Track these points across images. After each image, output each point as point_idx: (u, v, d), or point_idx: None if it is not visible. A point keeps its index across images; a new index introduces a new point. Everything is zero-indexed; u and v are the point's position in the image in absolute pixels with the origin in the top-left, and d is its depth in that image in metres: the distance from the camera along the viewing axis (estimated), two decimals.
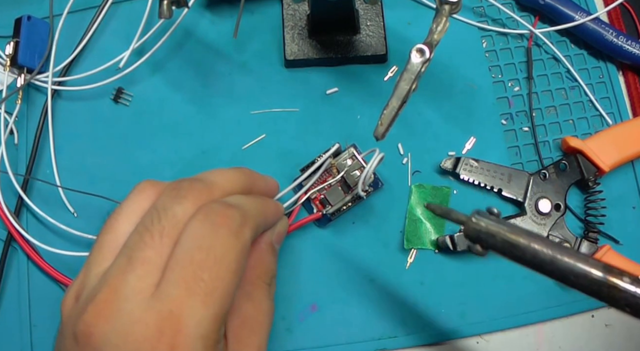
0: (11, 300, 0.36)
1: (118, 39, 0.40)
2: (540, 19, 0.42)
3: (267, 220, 0.29)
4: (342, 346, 0.35)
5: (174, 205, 0.25)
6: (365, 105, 0.39)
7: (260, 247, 0.30)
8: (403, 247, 0.36)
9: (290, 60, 0.39)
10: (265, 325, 0.29)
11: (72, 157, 0.38)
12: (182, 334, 0.22)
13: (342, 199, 0.36)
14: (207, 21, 0.41)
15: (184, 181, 0.27)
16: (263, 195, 0.32)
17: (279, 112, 0.39)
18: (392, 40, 0.40)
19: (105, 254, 0.26)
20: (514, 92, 0.40)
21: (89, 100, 0.40)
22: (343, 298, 0.36)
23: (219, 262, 0.24)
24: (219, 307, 0.23)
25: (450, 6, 0.28)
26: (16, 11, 0.40)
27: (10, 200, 0.37)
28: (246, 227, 0.25)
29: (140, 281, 0.23)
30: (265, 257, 0.30)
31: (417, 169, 0.38)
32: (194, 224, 0.24)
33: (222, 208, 0.25)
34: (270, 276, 0.30)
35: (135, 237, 0.24)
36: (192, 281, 0.23)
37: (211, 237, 0.24)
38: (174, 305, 0.22)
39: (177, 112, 0.39)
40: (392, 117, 0.27)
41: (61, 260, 0.36)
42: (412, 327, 0.35)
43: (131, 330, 0.22)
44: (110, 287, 0.23)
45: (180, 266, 0.23)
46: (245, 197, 0.28)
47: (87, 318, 0.22)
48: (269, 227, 0.30)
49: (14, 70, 0.38)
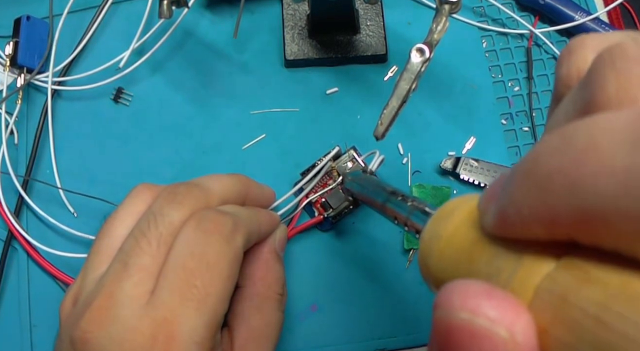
0: (11, 300, 0.36)
1: (118, 39, 0.40)
2: (540, 19, 0.42)
3: (261, 229, 0.29)
4: (342, 346, 0.35)
5: (171, 211, 0.25)
6: (365, 105, 0.39)
7: (266, 257, 0.30)
8: (403, 247, 0.36)
9: (290, 60, 0.39)
10: (273, 338, 0.29)
11: (72, 157, 0.38)
12: (176, 341, 0.22)
13: (343, 202, 0.35)
14: (207, 21, 0.41)
15: (181, 186, 0.27)
16: (258, 203, 0.32)
17: (279, 112, 0.39)
18: (392, 40, 0.40)
19: (102, 258, 0.26)
20: (514, 92, 0.40)
21: (89, 100, 0.40)
22: (343, 298, 0.36)
23: (212, 268, 0.24)
24: (212, 313, 0.23)
25: (450, 6, 0.28)
26: (16, 11, 0.40)
27: (11, 199, 0.37)
28: (238, 234, 0.25)
29: (135, 288, 0.23)
30: (272, 265, 0.30)
31: (417, 169, 0.38)
32: (186, 231, 0.24)
33: (214, 215, 0.25)
34: (281, 285, 0.30)
35: (131, 242, 0.25)
36: (185, 288, 0.23)
37: (203, 244, 0.24)
38: (167, 312, 0.22)
39: (177, 112, 0.39)
40: (392, 117, 0.27)
41: (61, 259, 0.36)
42: (412, 327, 0.35)
43: (126, 337, 0.22)
44: (106, 293, 0.23)
45: (173, 273, 0.23)
46: (240, 207, 0.29)
47: (83, 325, 0.23)
48: (263, 236, 0.30)
49: (14, 70, 0.38)
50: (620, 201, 0.08)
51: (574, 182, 0.09)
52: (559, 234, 0.10)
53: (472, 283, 0.10)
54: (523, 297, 0.10)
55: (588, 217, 0.09)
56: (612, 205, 0.08)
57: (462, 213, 0.14)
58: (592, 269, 0.09)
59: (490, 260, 0.12)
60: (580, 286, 0.09)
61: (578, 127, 0.09)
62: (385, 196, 0.24)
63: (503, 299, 0.10)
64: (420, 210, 0.19)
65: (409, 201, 0.21)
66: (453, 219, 0.14)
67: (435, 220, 0.15)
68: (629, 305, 0.08)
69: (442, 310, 0.10)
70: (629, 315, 0.08)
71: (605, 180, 0.08)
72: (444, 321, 0.10)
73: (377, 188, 0.26)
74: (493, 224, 0.12)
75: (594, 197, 0.09)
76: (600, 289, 0.09)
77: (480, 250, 0.12)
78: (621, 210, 0.08)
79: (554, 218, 0.10)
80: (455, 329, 0.10)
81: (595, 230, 0.09)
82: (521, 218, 0.10)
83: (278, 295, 0.30)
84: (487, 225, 0.12)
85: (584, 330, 0.09)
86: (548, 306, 0.10)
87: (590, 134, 0.09)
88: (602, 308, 0.09)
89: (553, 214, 0.10)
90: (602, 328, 0.09)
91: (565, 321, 0.09)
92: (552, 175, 0.09)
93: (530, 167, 0.10)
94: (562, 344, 0.09)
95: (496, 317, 0.10)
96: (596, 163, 0.09)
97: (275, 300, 0.29)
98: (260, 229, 0.29)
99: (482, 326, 0.10)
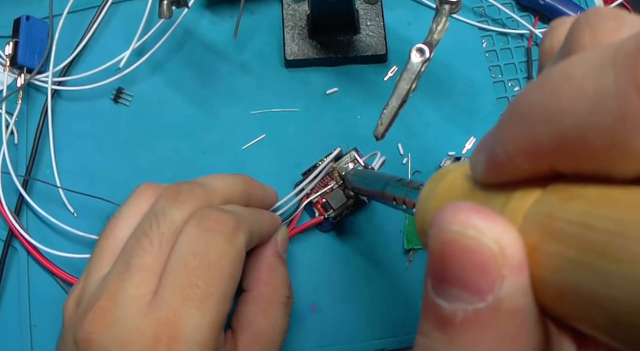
0: (11, 300, 0.36)
1: (118, 39, 0.40)
2: (540, 19, 0.42)
3: (263, 229, 0.29)
4: (342, 346, 0.35)
5: (173, 210, 0.25)
6: (365, 105, 0.39)
7: (269, 260, 0.30)
8: (403, 247, 0.36)
9: (290, 60, 0.39)
10: (277, 342, 0.29)
11: (72, 157, 0.38)
12: (178, 341, 0.22)
13: (344, 203, 0.35)
14: (207, 21, 0.41)
15: (184, 185, 0.27)
16: (261, 203, 0.32)
17: (279, 112, 0.39)
18: (392, 40, 0.40)
19: (105, 259, 0.26)
20: (514, 92, 0.40)
21: (89, 100, 0.40)
22: (343, 298, 0.36)
23: (213, 267, 0.24)
24: (215, 313, 0.23)
25: (450, 6, 0.28)
26: (16, 11, 0.40)
27: (11, 199, 0.37)
28: (240, 232, 0.25)
29: (138, 288, 0.23)
30: (277, 268, 0.30)
31: (417, 169, 0.38)
32: (188, 230, 0.24)
33: (215, 213, 0.25)
34: (287, 288, 0.30)
35: (133, 242, 0.25)
36: (187, 287, 0.23)
37: (205, 242, 0.24)
38: (170, 313, 0.22)
39: (177, 112, 0.39)
40: (392, 117, 0.27)
41: (61, 259, 0.36)
42: (412, 327, 0.35)
43: (129, 338, 0.22)
44: (108, 294, 0.23)
45: (175, 272, 0.23)
46: (242, 207, 0.28)
47: (86, 326, 0.22)
48: (265, 237, 0.30)
49: (14, 70, 0.38)
50: (591, 117, 0.09)
51: (551, 109, 0.10)
52: (542, 165, 0.11)
53: (463, 203, 0.11)
54: (514, 223, 0.11)
55: (567, 140, 0.10)
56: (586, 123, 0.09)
57: (456, 173, 0.14)
58: (574, 189, 0.10)
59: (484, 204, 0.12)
60: (564, 202, 0.10)
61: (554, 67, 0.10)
62: (384, 182, 0.24)
63: (492, 215, 0.11)
64: (417, 188, 0.21)
65: (406, 182, 0.22)
66: (448, 177, 0.15)
67: (431, 182, 0.16)
68: (610, 207, 0.09)
69: (435, 227, 0.11)
70: (611, 214, 0.09)
71: (578, 102, 0.09)
72: (437, 238, 0.11)
73: (377, 177, 0.26)
74: (483, 170, 0.12)
75: (570, 119, 0.10)
76: (583, 201, 0.10)
77: (473, 198, 0.13)
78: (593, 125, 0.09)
79: (537, 148, 0.10)
80: (447, 243, 0.11)
81: (573, 152, 0.10)
82: (508, 155, 0.11)
83: (284, 298, 0.30)
84: (479, 174, 0.13)
85: (571, 237, 0.10)
86: (536, 225, 0.10)
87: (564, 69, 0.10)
88: (585, 214, 0.09)
89: (536, 144, 0.10)
90: (587, 230, 0.09)
91: (552, 233, 0.10)
92: (532, 107, 0.10)
93: (514, 107, 0.11)
94: (550, 255, 0.10)
95: (485, 228, 0.10)
96: (570, 90, 0.10)
97: (280, 303, 0.29)
98: (262, 229, 0.29)
99: (472, 237, 0.10)
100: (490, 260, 0.10)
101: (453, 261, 0.11)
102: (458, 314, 0.11)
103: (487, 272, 0.10)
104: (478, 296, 0.10)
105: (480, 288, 0.10)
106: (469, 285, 0.10)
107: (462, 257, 0.10)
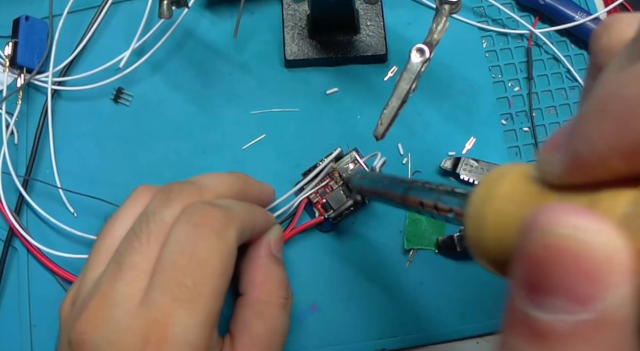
0: (11, 300, 0.36)
1: (118, 39, 0.40)
2: (540, 19, 0.42)
3: (255, 225, 0.28)
4: (342, 346, 0.35)
5: (163, 209, 0.25)
6: (365, 105, 0.39)
7: (263, 261, 0.29)
8: (403, 247, 0.36)
9: (290, 60, 0.39)
10: (276, 345, 0.28)
11: (72, 157, 0.38)
12: (168, 342, 0.22)
13: (344, 203, 0.35)
14: (207, 21, 0.41)
15: (175, 184, 0.27)
16: (258, 200, 0.31)
17: (279, 112, 0.39)
18: (392, 40, 0.40)
19: (100, 259, 0.26)
20: (514, 92, 0.40)
21: (89, 100, 0.40)
22: (343, 298, 0.36)
23: (203, 265, 0.23)
24: (205, 313, 0.23)
25: (450, 6, 0.28)
26: (16, 11, 0.40)
27: (11, 199, 0.37)
28: (230, 227, 0.25)
29: (128, 287, 0.23)
30: (272, 269, 0.29)
31: (417, 169, 0.38)
32: (177, 226, 0.24)
33: (204, 208, 0.24)
34: (284, 288, 0.29)
35: (125, 242, 0.24)
36: (176, 287, 0.22)
37: (194, 239, 0.23)
38: (159, 313, 0.22)
39: (177, 112, 0.39)
40: (392, 117, 0.27)
41: (61, 259, 0.36)
42: (412, 327, 0.35)
43: (121, 338, 0.22)
44: (101, 294, 0.23)
45: (164, 271, 0.23)
46: (233, 200, 0.28)
47: (80, 326, 0.22)
48: (257, 233, 0.29)
49: (14, 70, 0.38)
50: None
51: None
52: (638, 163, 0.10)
53: (568, 204, 0.10)
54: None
55: None
56: None
57: (515, 174, 0.13)
58: None
59: None
60: None
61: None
62: (406, 186, 0.23)
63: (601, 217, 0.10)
64: (449, 191, 0.19)
65: (434, 185, 0.20)
66: (507, 179, 0.14)
67: (486, 183, 0.14)
68: None
69: (537, 230, 0.10)
70: None
71: None
72: (539, 242, 0.10)
73: (394, 181, 0.25)
74: (563, 170, 0.11)
75: None
76: None
77: (545, 199, 0.12)
78: None
79: (636, 146, 0.10)
80: (552, 248, 0.10)
81: None
82: (598, 155, 0.10)
83: (281, 299, 0.29)
84: (553, 175, 0.12)
85: None
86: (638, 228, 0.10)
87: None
88: None
89: (635, 141, 0.10)
90: None
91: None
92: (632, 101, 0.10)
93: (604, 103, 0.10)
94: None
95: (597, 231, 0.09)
96: None
97: (278, 305, 0.28)
98: (255, 224, 0.28)
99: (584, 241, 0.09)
100: (600, 267, 0.09)
101: (557, 267, 0.10)
102: (557, 326, 0.10)
103: (596, 279, 0.09)
104: (582, 306, 0.09)
105: (586, 297, 0.09)
106: (573, 293, 0.10)
107: (569, 263, 0.10)
